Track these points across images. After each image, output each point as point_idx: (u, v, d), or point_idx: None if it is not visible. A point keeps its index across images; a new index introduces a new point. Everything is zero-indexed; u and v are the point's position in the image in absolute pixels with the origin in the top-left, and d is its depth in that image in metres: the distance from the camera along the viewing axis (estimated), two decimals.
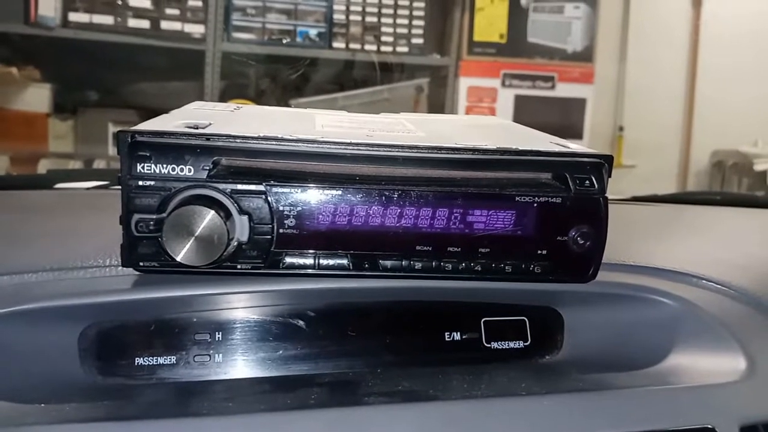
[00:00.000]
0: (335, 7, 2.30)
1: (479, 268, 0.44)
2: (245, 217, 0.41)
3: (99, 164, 2.14)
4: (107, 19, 2.10)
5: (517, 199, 0.44)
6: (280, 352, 0.44)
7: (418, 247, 0.43)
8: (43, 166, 2.09)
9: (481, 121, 0.66)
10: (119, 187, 0.41)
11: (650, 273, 0.53)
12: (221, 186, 0.41)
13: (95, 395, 0.39)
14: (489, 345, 0.48)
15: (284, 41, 2.27)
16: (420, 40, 2.39)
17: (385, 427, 0.37)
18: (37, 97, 2.14)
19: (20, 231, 0.56)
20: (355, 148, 0.42)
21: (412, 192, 0.43)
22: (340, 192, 0.42)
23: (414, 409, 0.38)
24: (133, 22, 2.13)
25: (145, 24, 2.14)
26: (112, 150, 2.14)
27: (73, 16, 2.08)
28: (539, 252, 0.45)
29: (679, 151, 3.00)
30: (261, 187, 0.41)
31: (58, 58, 2.15)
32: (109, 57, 2.15)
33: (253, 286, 0.43)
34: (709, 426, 0.40)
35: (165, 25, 2.16)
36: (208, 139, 0.41)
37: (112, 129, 2.15)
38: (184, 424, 0.35)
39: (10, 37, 2.07)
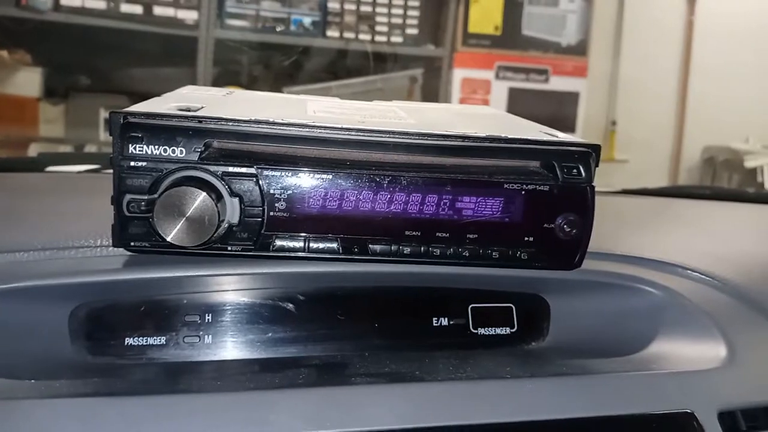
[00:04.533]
0: None
1: (467, 254, 0.45)
2: (236, 200, 0.41)
3: (90, 149, 2.13)
4: (99, 4, 2.08)
5: (505, 186, 0.44)
6: (270, 334, 0.45)
7: (407, 232, 0.44)
8: (33, 151, 2.07)
9: (473, 110, 0.66)
10: (110, 170, 0.41)
11: (636, 262, 0.54)
12: (212, 168, 0.41)
13: (85, 373, 0.40)
14: (476, 331, 0.48)
15: (278, 29, 2.26)
16: (414, 31, 2.39)
17: (371, 405, 0.37)
18: (27, 81, 2.13)
19: (11, 211, 0.56)
20: (347, 133, 0.43)
21: (402, 177, 0.43)
22: (330, 176, 0.42)
23: (399, 389, 0.39)
24: (125, 7, 2.11)
25: (137, 9, 2.12)
26: (103, 135, 2.13)
27: (65, 0, 2.06)
28: (526, 239, 0.45)
29: (671, 147, 3.02)
30: (252, 170, 0.41)
31: (50, 42, 2.12)
32: (101, 42, 2.13)
33: (243, 268, 0.44)
34: (689, 411, 0.41)
35: (158, 10, 2.14)
36: (200, 122, 0.41)
37: (104, 114, 2.13)
38: (173, 401, 0.36)
39: (1, 21, 2.05)
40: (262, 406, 0.36)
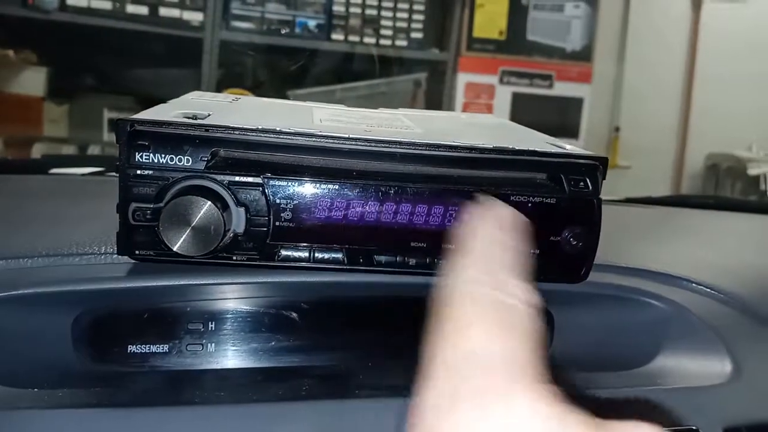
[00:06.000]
0: None
1: None
2: (242, 209, 0.41)
3: (93, 150, 2.13)
4: (105, 4, 2.09)
5: (512, 198, 0.44)
6: (273, 343, 0.45)
7: (413, 244, 0.44)
8: (37, 150, 2.08)
9: (479, 120, 0.66)
10: (115, 173, 0.41)
11: (641, 275, 0.53)
12: (219, 177, 0.41)
13: (88, 381, 0.40)
14: None
15: (283, 32, 2.26)
16: (419, 35, 2.39)
17: (375, 419, 0.37)
18: (32, 81, 2.13)
19: (15, 216, 0.56)
20: (353, 143, 0.42)
21: (409, 188, 0.43)
22: (336, 186, 0.42)
23: (404, 402, 0.39)
24: (131, 8, 2.11)
25: (143, 10, 2.13)
26: (106, 136, 2.13)
27: (71, 0, 2.07)
28: (532, 251, 0.45)
29: (675, 154, 3.01)
30: (258, 180, 0.41)
31: (55, 41, 2.13)
32: (106, 42, 2.13)
33: (247, 277, 0.44)
34: (694, 427, 0.41)
35: (163, 11, 2.14)
36: (207, 130, 0.41)
37: (108, 115, 2.14)
38: (176, 413, 0.36)
39: (7, 20, 2.05)
40: (264, 419, 0.36)
